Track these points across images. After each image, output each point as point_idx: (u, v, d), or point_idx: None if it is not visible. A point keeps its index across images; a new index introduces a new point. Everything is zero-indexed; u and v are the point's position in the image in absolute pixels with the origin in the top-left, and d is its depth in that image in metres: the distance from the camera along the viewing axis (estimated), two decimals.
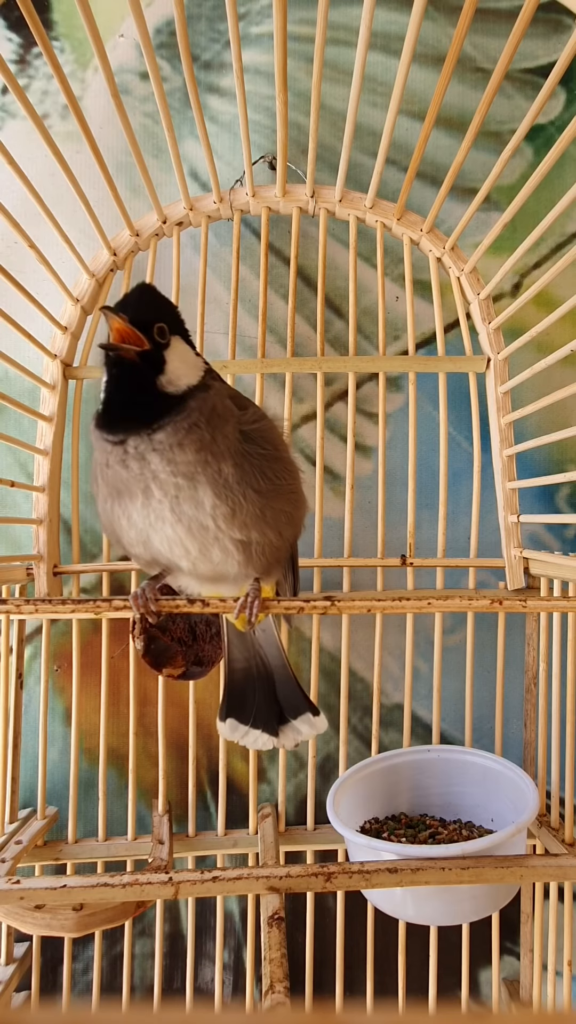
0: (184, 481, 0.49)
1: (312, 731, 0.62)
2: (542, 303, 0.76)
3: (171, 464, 0.49)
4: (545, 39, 0.85)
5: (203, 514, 0.50)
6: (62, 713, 0.80)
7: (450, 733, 0.82)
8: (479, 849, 0.53)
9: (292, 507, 0.54)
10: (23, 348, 0.72)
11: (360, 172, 0.82)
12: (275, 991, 0.41)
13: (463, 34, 0.49)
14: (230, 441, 0.50)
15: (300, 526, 0.57)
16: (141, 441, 0.49)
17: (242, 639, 0.62)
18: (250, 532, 0.51)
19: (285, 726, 0.62)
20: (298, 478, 0.55)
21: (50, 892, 0.48)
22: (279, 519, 0.52)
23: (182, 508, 0.49)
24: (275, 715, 0.62)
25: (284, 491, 0.53)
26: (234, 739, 0.62)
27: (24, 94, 0.51)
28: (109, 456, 0.50)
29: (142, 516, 0.50)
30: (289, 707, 0.62)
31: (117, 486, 0.51)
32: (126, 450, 0.50)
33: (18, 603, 0.51)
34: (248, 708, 0.62)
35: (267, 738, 0.61)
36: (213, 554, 0.51)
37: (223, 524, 0.50)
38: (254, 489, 0.50)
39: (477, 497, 0.78)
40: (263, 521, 0.51)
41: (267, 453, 0.52)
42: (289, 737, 0.62)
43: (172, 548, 0.51)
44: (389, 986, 0.77)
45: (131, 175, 0.80)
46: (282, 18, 0.48)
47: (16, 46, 0.82)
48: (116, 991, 0.78)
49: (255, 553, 0.52)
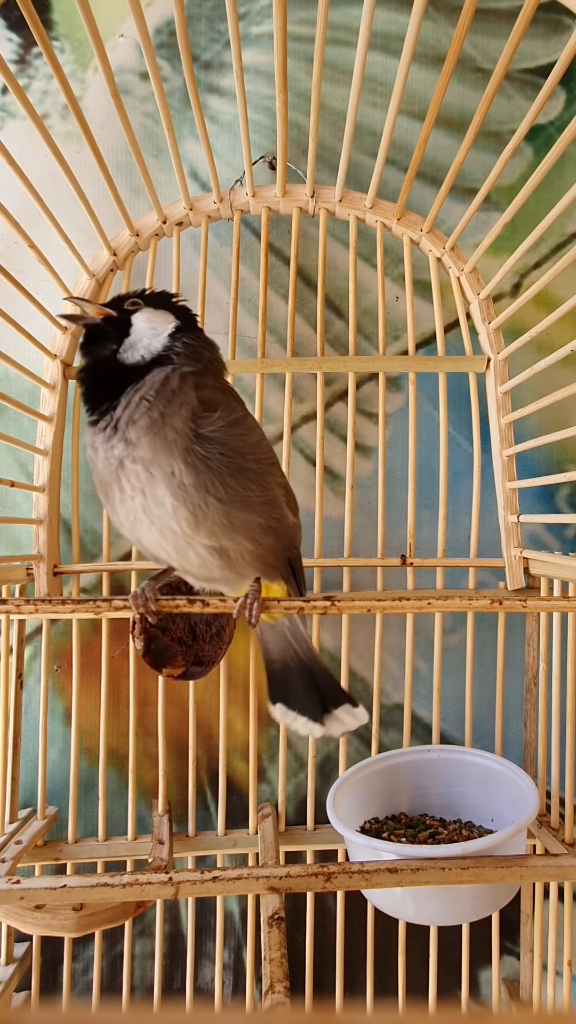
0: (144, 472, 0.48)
1: (355, 721, 0.61)
2: (542, 303, 0.76)
3: (129, 446, 0.48)
4: (545, 39, 0.85)
5: (168, 517, 0.49)
6: (62, 713, 0.80)
7: (450, 733, 0.82)
8: (479, 849, 0.53)
9: (267, 518, 0.51)
10: (23, 348, 0.72)
11: (360, 172, 0.82)
12: (275, 991, 0.41)
13: (463, 34, 0.49)
14: (180, 435, 0.48)
15: (288, 535, 0.55)
16: (108, 420, 0.49)
17: (274, 631, 0.62)
18: (220, 539, 0.50)
19: (328, 715, 0.61)
20: (274, 488, 0.53)
21: (50, 892, 0.48)
22: (252, 529, 0.50)
23: (152, 509, 0.49)
24: (318, 704, 0.61)
25: (252, 502, 0.50)
26: (284, 723, 0.62)
27: (24, 94, 0.51)
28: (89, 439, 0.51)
29: (124, 513, 0.50)
30: (329, 697, 0.62)
31: (99, 479, 0.51)
32: (96, 431, 0.50)
33: (18, 603, 0.51)
34: (292, 694, 0.62)
35: (314, 725, 0.61)
36: (190, 557, 0.51)
37: (188, 529, 0.49)
38: (215, 497, 0.48)
39: (477, 497, 0.78)
40: (232, 529, 0.50)
41: (229, 461, 0.49)
42: (335, 726, 0.61)
43: (156, 549, 0.51)
44: (389, 986, 0.77)
45: (131, 175, 0.80)
46: (282, 18, 0.48)
47: (16, 46, 0.82)
48: (116, 991, 0.78)
49: (234, 558, 0.51)
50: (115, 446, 0.49)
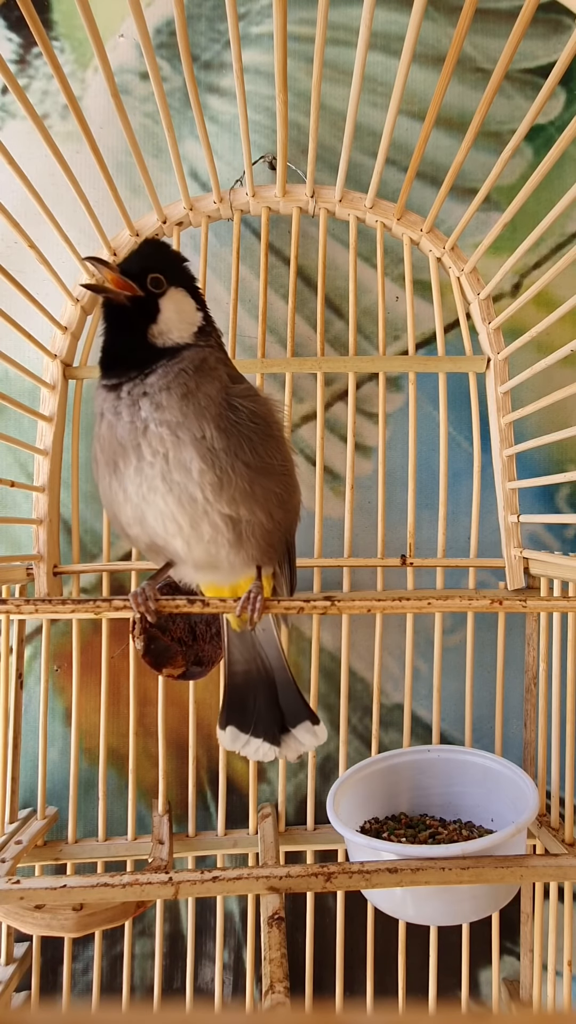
0: (169, 435, 0.49)
1: (315, 741, 0.61)
2: (542, 303, 0.76)
3: (158, 410, 0.49)
4: (545, 39, 0.85)
5: (191, 483, 0.49)
6: (62, 713, 0.80)
7: (450, 733, 0.82)
8: (479, 849, 0.53)
9: (283, 489, 0.53)
10: (23, 348, 0.72)
11: (360, 172, 0.82)
12: (275, 991, 0.41)
13: (463, 34, 0.49)
14: (213, 402, 0.50)
15: (294, 513, 0.56)
16: (135, 385, 0.50)
17: (242, 639, 0.62)
18: (239, 508, 0.50)
19: (286, 735, 0.61)
20: (291, 461, 0.55)
21: (50, 892, 0.48)
22: (270, 499, 0.51)
23: (172, 475, 0.49)
24: (277, 722, 0.61)
25: (275, 471, 0.52)
26: (234, 749, 0.61)
27: (24, 94, 0.51)
28: (104, 405, 0.51)
29: (136, 485, 0.50)
30: (290, 714, 0.61)
31: (112, 447, 0.50)
32: (119, 396, 0.50)
33: (18, 603, 0.51)
34: (249, 714, 0.62)
35: (268, 748, 0.61)
36: (203, 530, 0.51)
37: (211, 495, 0.49)
38: (243, 462, 0.50)
39: (477, 497, 0.78)
40: (252, 498, 0.50)
41: (257, 428, 0.51)
42: (291, 748, 0.61)
43: (166, 524, 0.51)
44: (389, 986, 0.77)
45: (131, 175, 0.80)
46: (282, 18, 0.48)
47: (16, 46, 0.82)
48: (116, 991, 0.78)
49: (245, 533, 0.51)
50: (142, 408, 0.49)
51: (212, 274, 0.83)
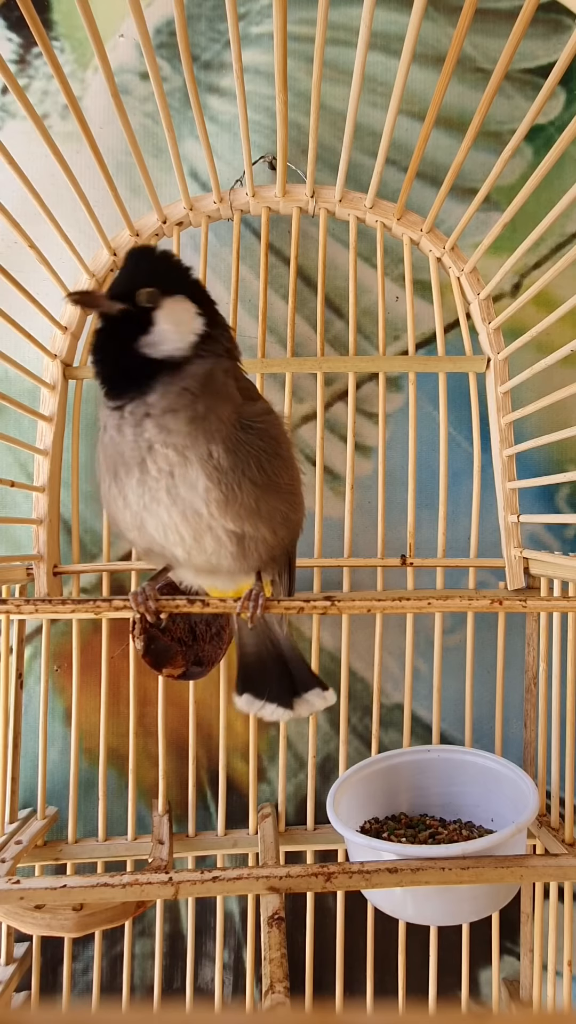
0: (176, 456, 0.48)
1: (324, 703, 0.61)
2: (542, 303, 0.76)
3: (164, 432, 0.48)
4: (545, 39, 0.85)
5: (197, 498, 0.48)
6: (62, 713, 0.80)
7: (450, 733, 0.82)
8: (479, 849, 0.53)
9: (289, 507, 0.52)
10: (23, 348, 0.71)
11: (360, 172, 0.82)
12: (275, 991, 0.41)
13: (463, 34, 0.49)
14: (224, 424, 0.49)
15: (297, 529, 0.56)
16: (136, 405, 0.48)
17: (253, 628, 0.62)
18: (244, 524, 0.50)
19: (298, 699, 0.61)
20: (298, 479, 0.54)
21: (50, 892, 0.48)
22: (274, 517, 0.51)
23: (177, 490, 0.48)
24: (288, 689, 0.61)
25: (282, 489, 0.51)
26: (250, 712, 0.62)
27: (24, 94, 0.51)
28: (108, 421, 0.50)
29: (137, 496, 0.49)
30: (300, 682, 0.62)
31: (115, 459, 0.50)
32: (123, 415, 0.49)
33: (18, 603, 0.51)
34: (263, 684, 0.62)
35: (283, 711, 0.61)
36: (206, 543, 0.50)
37: (216, 511, 0.49)
38: (250, 480, 0.49)
39: (477, 497, 0.78)
40: (258, 515, 0.50)
41: (266, 447, 0.50)
42: (303, 708, 0.61)
43: (167, 534, 0.50)
44: (389, 986, 0.77)
45: (131, 175, 0.80)
46: (282, 18, 0.48)
47: (16, 46, 0.82)
48: (116, 991, 0.78)
49: (248, 547, 0.51)
50: (146, 430, 0.48)
51: (212, 274, 0.83)
